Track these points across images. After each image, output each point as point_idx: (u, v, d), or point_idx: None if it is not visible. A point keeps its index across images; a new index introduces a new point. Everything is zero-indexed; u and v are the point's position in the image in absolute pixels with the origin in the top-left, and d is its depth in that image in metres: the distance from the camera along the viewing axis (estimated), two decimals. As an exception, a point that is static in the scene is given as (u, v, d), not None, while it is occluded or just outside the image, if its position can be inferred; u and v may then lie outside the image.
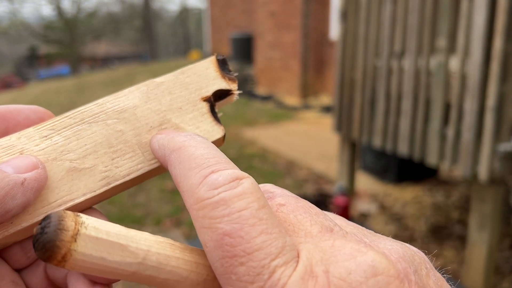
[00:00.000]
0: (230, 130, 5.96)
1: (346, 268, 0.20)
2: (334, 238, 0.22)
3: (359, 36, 3.05)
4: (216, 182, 0.22)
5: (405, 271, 0.21)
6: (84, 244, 0.21)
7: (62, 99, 9.78)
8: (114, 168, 0.30)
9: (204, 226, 0.22)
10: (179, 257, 0.23)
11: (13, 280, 0.27)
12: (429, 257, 0.25)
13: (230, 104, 0.35)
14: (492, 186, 2.33)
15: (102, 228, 0.22)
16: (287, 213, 0.24)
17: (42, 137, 0.29)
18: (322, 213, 0.25)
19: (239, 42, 10.35)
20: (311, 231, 0.23)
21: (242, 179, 0.23)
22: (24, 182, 0.26)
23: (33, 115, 0.30)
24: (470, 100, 2.30)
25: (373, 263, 0.20)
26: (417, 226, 3.21)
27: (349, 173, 3.53)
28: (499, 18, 2.12)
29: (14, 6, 27.97)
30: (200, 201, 0.22)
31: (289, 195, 0.26)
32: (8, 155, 0.28)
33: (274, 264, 0.20)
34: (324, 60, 7.59)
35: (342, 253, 0.21)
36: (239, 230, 0.21)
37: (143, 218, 3.50)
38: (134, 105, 0.31)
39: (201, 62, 0.34)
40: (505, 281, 2.59)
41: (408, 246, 0.24)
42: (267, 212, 0.22)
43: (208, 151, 0.25)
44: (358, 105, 3.14)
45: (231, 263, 0.20)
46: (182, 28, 29.45)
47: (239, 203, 0.21)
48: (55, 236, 0.20)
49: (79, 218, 0.21)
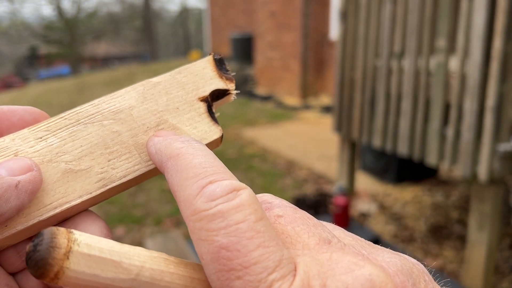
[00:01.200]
0: (230, 130, 5.96)
1: (343, 282, 0.20)
2: (331, 251, 0.22)
3: (359, 36, 3.05)
4: (214, 193, 0.22)
5: (403, 285, 0.21)
6: (77, 261, 0.21)
7: (62, 99, 9.77)
8: (110, 170, 0.29)
9: (201, 238, 0.21)
10: (174, 272, 0.23)
11: (8, 283, 0.27)
12: (428, 268, 0.24)
13: (230, 104, 0.35)
14: (492, 186, 2.33)
15: (95, 244, 0.22)
16: (284, 224, 0.24)
17: (37, 138, 0.29)
18: (320, 224, 0.24)
19: (239, 42, 10.34)
20: (309, 243, 0.23)
21: (239, 190, 0.22)
22: (18, 184, 0.25)
23: (28, 116, 0.30)
24: (469, 100, 2.30)
25: (371, 277, 0.20)
26: (417, 226, 3.20)
27: (349, 173, 3.53)
28: (499, 18, 2.12)
29: (14, 6, 27.96)
30: (197, 213, 0.22)
31: (287, 205, 0.25)
32: (2, 157, 0.28)
33: (271, 278, 0.20)
34: (324, 60, 7.59)
35: (339, 266, 0.21)
36: (236, 243, 0.21)
37: (143, 218, 3.50)
38: (130, 106, 0.31)
39: (198, 61, 0.34)
40: (505, 281, 2.58)
41: (407, 258, 0.24)
42: (265, 224, 0.22)
43: (205, 159, 0.25)
44: (358, 105, 3.14)
45: (227, 276, 0.20)
46: (182, 28, 29.45)
47: (236, 215, 0.21)
48: (47, 254, 0.20)
49: (72, 235, 0.21)
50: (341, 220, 2.93)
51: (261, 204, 0.25)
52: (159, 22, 29.19)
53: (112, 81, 11.44)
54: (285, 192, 3.86)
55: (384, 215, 3.38)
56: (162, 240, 3.09)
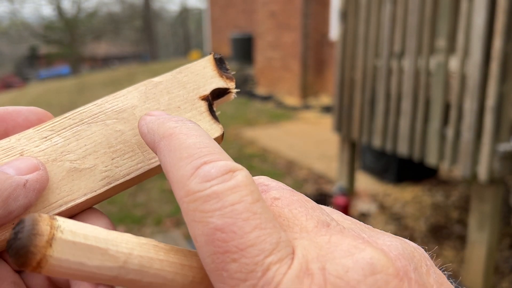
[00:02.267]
0: (230, 130, 5.96)
1: (343, 265, 0.19)
2: (330, 234, 0.21)
3: (359, 36, 3.05)
4: (209, 174, 0.21)
5: (405, 269, 0.20)
6: (60, 249, 0.20)
7: (63, 99, 9.78)
8: (114, 168, 0.30)
9: (195, 219, 0.21)
10: (163, 259, 0.22)
11: (14, 281, 0.27)
12: (429, 253, 0.24)
13: (230, 104, 0.35)
14: (492, 186, 2.33)
15: (79, 231, 0.21)
16: (281, 207, 0.23)
17: (42, 138, 0.29)
18: (319, 207, 0.24)
19: (239, 42, 10.35)
20: (307, 226, 0.22)
21: (235, 171, 0.22)
22: (26, 183, 0.26)
23: (32, 116, 0.30)
24: (469, 100, 2.30)
25: (372, 261, 0.20)
26: (416, 226, 3.21)
27: (349, 173, 3.53)
28: (499, 18, 2.12)
29: (14, 6, 27.96)
30: (191, 194, 0.21)
31: (284, 188, 0.25)
32: (9, 157, 0.28)
33: (268, 261, 0.19)
34: (324, 60, 7.59)
35: (339, 249, 0.20)
36: (231, 224, 0.20)
37: (143, 218, 3.50)
38: (132, 105, 0.32)
39: (198, 61, 0.34)
40: (505, 281, 2.59)
41: (408, 242, 0.23)
42: (262, 206, 0.21)
43: (200, 139, 0.24)
44: (358, 105, 3.14)
45: (222, 259, 0.20)
46: (182, 28, 29.45)
47: (232, 196, 0.20)
48: (29, 242, 0.19)
49: (55, 221, 0.20)
50: (341, 220, 2.93)
51: (258, 186, 0.24)
52: (159, 22, 29.19)
53: (112, 81, 11.45)
54: (285, 192, 3.86)
55: (384, 215, 3.38)
56: (162, 240, 3.09)
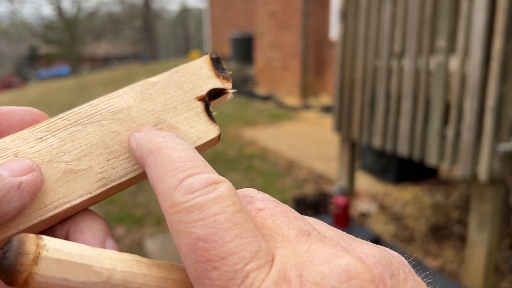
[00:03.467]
0: (230, 130, 5.96)
1: (320, 272, 0.20)
2: (310, 242, 0.22)
3: (359, 36, 3.05)
4: (192, 186, 0.22)
5: (381, 275, 0.21)
6: (46, 266, 0.21)
7: (62, 99, 9.78)
8: (110, 169, 0.30)
9: (179, 230, 0.21)
10: (146, 273, 0.23)
11: None
12: (409, 261, 0.24)
13: (230, 104, 0.35)
14: (492, 186, 2.33)
15: (64, 249, 0.22)
16: (265, 217, 0.24)
17: (36, 139, 0.29)
18: (301, 218, 0.24)
19: (239, 42, 10.35)
20: (288, 236, 0.23)
21: (218, 183, 0.22)
22: (20, 185, 0.25)
23: (27, 116, 0.30)
24: (470, 100, 2.30)
25: (348, 267, 0.20)
26: (417, 226, 3.20)
27: (349, 173, 3.53)
28: (499, 18, 2.12)
29: (14, 6, 27.97)
30: (175, 206, 0.22)
31: (269, 199, 0.25)
32: (3, 158, 0.28)
33: (247, 268, 0.20)
34: (324, 60, 7.59)
35: (317, 257, 0.21)
36: (213, 234, 0.21)
37: (143, 218, 3.50)
38: (128, 106, 0.31)
39: (195, 61, 0.34)
40: (505, 281, 2.58)
41: (387, 250, 0.24)
42: (243, 216, 0.22)
43: (185, 153, 0.25)
44: (358, 105, 3.14)
45: (204, 267, 0.20)
46: (182, 28, 29.45)
47: (214, 207, 0.21)
48: (15, 261, 0.20)
49: (41, 240, 0.21)
50: (341, 220, 2.93)
51: (244, 198, 0.25)
52: (159, 22, 29.20)
53: (112, 81, 11.45)
54: (285, 192, 3.86)
55: (384, 215, 3.38)
56: (162, 240, 3.10)
